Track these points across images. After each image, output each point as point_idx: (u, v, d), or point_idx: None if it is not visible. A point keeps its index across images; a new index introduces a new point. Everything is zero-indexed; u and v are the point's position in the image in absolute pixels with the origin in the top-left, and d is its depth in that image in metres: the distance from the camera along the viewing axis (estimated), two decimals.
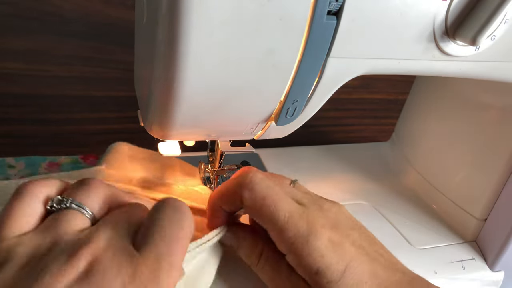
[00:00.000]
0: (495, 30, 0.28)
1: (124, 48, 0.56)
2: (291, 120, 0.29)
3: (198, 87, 0.24)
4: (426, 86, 0.52)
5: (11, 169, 0.49)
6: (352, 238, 0.29)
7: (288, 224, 0.28)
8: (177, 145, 0.34)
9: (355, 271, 0.27)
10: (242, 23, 0.22)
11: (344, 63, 0.26)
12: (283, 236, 0.28)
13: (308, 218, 0.28)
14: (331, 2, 0.23)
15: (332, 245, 0.28)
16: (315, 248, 0.27)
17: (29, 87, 0.55)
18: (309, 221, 0.28)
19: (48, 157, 0.51)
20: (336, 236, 0.28)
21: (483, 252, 0.45)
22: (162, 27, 0.22)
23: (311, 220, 0.28)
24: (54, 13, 0.51)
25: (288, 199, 0.29)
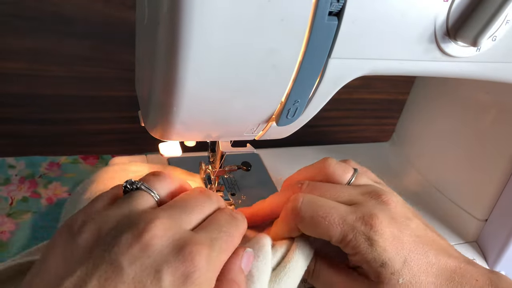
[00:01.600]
0: (496, 31, 0.28)
1: (124, 48, 0.56)
2: (292, 121, 0.29)
3: (199, 87, 0.24)
4: (426, 86, 0.52)
5: (11, 169, 0.49)
6: (410, 229, 0.31)
7: (344, 229, 0.29)
8: (177, 146, 0.34)
9: (414, 262, 0.29)
10: (243, 23, 0.22)
11: (345, 64, 0.26)
12: (345, 241, 0.29)
13: (364, 217, 0.29)
14: (332, 3, 0.23)
15: (392, 238, 0.29)
16: (378, 243, 0.29)
17: (29, 87, 0.55)
18: (365, 220, 0.29)
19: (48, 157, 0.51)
20: (394, 229, 0.30)
21: (484, 252, 0.45)
22: (163, 27, 0.22)
23: (367, 218, 0.29)
24: (54, 13, 0.51)
25: (337, 206, 0.30)
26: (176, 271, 0.23)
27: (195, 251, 0.24)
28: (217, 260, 0.26)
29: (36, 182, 0.48)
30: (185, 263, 0.23)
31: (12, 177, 0.48)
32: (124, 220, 0.25)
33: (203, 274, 0.24)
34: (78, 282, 0.22)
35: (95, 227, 0.24)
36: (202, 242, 0.25)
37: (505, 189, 0.42)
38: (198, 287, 0.24)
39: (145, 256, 0.23)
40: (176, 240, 0.24)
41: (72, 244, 0.24)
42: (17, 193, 0.46)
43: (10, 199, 0.45)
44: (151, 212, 0.26)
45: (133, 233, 0.24)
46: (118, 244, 0.23)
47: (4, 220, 0.42)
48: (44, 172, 0.50)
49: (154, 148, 0.34)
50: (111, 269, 0.22)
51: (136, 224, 0.24)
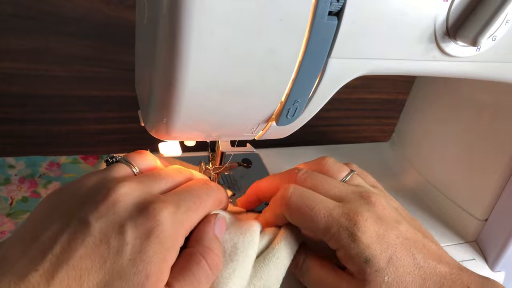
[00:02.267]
0: (496, 31, 0.28)
1: (124, 48, 0.56)
2: (292, 121, 0.29)
3: (199, 87, 0.24)
4: (426, 86, 0.52)
5: (11, 169, 0.49)
6: (397, 230, 0.30)
7: (329, 222, 0.30)
8: (177, 145, 0.34)
9: (400, 262, 0.29)
10: (242, 23, 0.22)
11: (345, 63, 0.26)
12: (329, 234, 0.30)
13: (349, 213, 0.30)
14: (332, 3, 0.23)
15: (376, 237, 0.29)
16: (360, 239, 0.29)
17: (29, 87, 0.55)
18: (350, 216, 0.30)
19: (48, 157, 0.51)
20: (379, 229, 0.30)
21: (483, 252, 0.45)
22: (163, 27, 0.22)
23: (353, 214, 0.30)
24: (54, 13, 0.51)
25: (324, 201, 0.31)
26: (139, 226, 0.25)
27: (158, 208, 0.25)
28: (184, 219, 0.27)
29: (36, 182, 0.48)
30: (149, 219, 0.25)
31: (12, 177, 0.48)
32: (98, 184, 0.27)
33: (166, 229, 0.25)
34: (52, 235, 0.24)
35: (70, 191, 0.27)
36: (167, 201, 0.26)
37: (505, 189, 0.42)
38: (163, 241, 0.25)
39: (111, 213, 0.25)
40: (142, 199, 0.26)
41: (49, 206, 0.26)
42: (17, 193, 0.46)
43: (10, 199, 0.45)
44: (123, 178, 0.28)
45: (102, 193, 0.25)
46: (88, 203, 0.25)
47: (4, 220, 0.42)
48: (44, 172, 0.50)
49: (154, 148, 0.34)
50: (79, 224, 0.24)
51: (107, 186, 0.26)
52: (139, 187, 0.27)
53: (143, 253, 0.24)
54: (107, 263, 0.23)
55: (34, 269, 0.22)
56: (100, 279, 0.23)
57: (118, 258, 0.23)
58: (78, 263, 0.23)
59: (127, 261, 0.24)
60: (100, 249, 0.23)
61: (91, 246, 0.23)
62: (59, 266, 0.22)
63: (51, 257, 0.23)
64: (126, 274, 0.23)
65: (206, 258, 0.27)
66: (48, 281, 0.22)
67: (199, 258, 0.26)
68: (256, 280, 0.30)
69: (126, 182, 0.26)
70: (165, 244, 0.25)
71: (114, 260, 0.23)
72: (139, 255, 0.24)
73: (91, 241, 0.23)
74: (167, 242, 0.25)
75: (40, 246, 0.23)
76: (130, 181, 0.27)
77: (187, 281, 0.26)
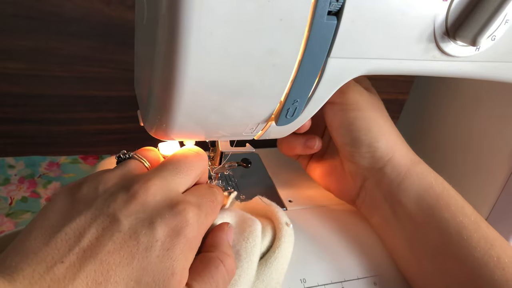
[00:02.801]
0: (496, 31, 0.28)
1: (124, 48, 0.56)
2: (291, 121, 0.29)
3: (198, 87, 0.24)
4: (426, 86, 0.52)
5: (11, 169, 0.49)
6: None
7: None
8: (177, 145, 0.34)
9: None
10: (242, 23, 0.22)
11: (344, 63, 0.26)
12: None
13: None
14: (331, 2, 0.23)
15: None
16: None
17: (29, 87, 0.55)
18: None
19: (48, 157, 0.51)
20: None
21: None
22: (162, 27, 0.22)
23: None
24: (54, 13, 0.51)
25: None
26: (169, 224, 0.25)
27: (188, 209, 0.26)
28: (204, 221, 0.28)
29: (35, 182, 0.48)
30: (179, 218, 0.25)
31: (11, 177, 0.48)
32: (120, 181, 0.27)
33: (194, 230, 0.26)
34: (78, 229, 0.23)
35: (93, 186, 0.26)
36: (192, 202, 0.27)
37: (504, 189, 0.42)
38: (189, 242, 0.25)
39: (141, 211, 0.25)
40: (169, 198, 0.26)
41: (71, 199, 0.26)
42: (16, 193, 0.46)
43: (10, 199, 0.45)
44: (144, 174, 0.28)
45: (129, 192, 0.25)
46: (115, 200, 0.25)
47: (3, 220, 0.42)
48: (43, 172, 0.50)
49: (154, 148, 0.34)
50: (108, 220, 0.24)
51: (132, 184, 0.26)
52: (164, 184, 0.27)
53: (171, 250, 0.24)
54: (135, 259, 0.23)
55: (60, 260, 0.22)
56: (128, 275, 0.23)
57: (147, 254, 0.24)
58: (106, 258, 0.23)
59: (155, 258, 0.24)
60: (129, 245, 0.23)
61: (120, 241, 0.23)
62: (86, 260, 0.22)
63: (78, 250, 0.22)
64: (153, 270, 0.23)
65: (224, 262, 0.27)
66: (74, 274, 0.21)
67: (218, 262, 0.27)
68: (258, 283, 0.30)
69: (151, 181, 0.26)
70: (191, 244, 0.25)
71: (143, 256, 0.23)
72: (167, 252, 0.24)
73: (120, 237, 0.23)
74: (192, 243, 0.26)
75: (66, 238, 0.23)
76: (154, 179, 0.27)
77: (206, 283, 0.26)
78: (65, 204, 0.25)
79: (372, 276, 0.37)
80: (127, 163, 0.29)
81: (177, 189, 0.28)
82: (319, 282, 0.35)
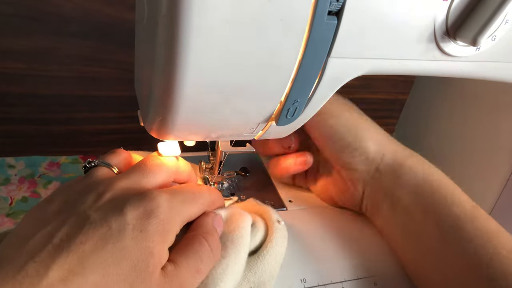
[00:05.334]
0: (496, 31, 0.28)
1: (124, 48, 0.56)
2: (292, 121, 0.29)
3: (198, 87, 0.24)
4: (426, 86, 0.52)
5: (11, 169, 0.49)
6: None
7: None
8: (177, 145, 0.34)
9: None
10: (242, 23, 0.22)
11: (344, 63, 0.26)
12: None
13: None
14: (331, 2, 0.23)
15: None
16: None
17: (29, 87, 0.55)
18: None
19: (48, 157, 0.51)
20: None
21: None
22: (162, 28, 0.22)
23: None
24: (54, 13, 0.51)
25: None
26: (139, 207, 0.25)
27: (156, 193, 0.26)
28: (180, 207, 0.28)
29: (35, 182, 0.48)
30: (148, 202, 0.26)
31: (11, 177, 0.48)
32: (87, 187, 0.27)
33: (165, 211, 0.26)
34: (49, 232, 0.24)
35: (63, 196, 0.27)
36: (164, 190, 0.27)
37: (505, 189, 0.42)
38: (163, 222, 0.26)
39: (109, 204, 0.25)
40: (137, 190, 0.27)
41: (43, 212, 0.26)
42: (16, 193, 0.46)
43: (10, 199, 0.45)
44: (111, 178, 0.28)
45: (97, 193, 0.26)
46: (84, 202, 0.26)
47: (3, 220, 0.42)
48: (43, 172, 0.50)
49: (154, 147, 0.34)
50: (78, 218, 0.24)
51: (98, 187, 0.27)
52: (131, 183, 0.28)
53: (145, 232, 0.24)
54: (109, 243, 0.23)
55: (32, 260, 0.22)
56: (104, 259, 0.23)
57: (120, 237, 0.24)
58: (78, 247, 0.23)
59: (130, 240, 0.24)
60: (101, 232, 0.24)
61: (91, 231, 0.24)
62: (57, 254, 0.22)
63: (50, 247, 0.23)
64: (131, 253, 0.24)
65: (207, 239, 0.28)
66: (46, 268, 0.22)
67: (201, 239, 0.28)
68: (250, 275, 0.31)
69: (118, 182, 0.27)
70: (165, 225, 0.26)
71: (116, 239, 0.24)
72: (141, 233, 0.24)
73: (92, 227, 0.24)
74: (166, 224, 0.26)
75: (37, 241, 0.23)
76: (121, 180, 0.27)
77: (191, 258, 0.26)
78: (37, 217, 0.26)
79: (372, 276, 0.37)
80: (94, 171, 0.29)
81: (144, 187, 0.28)
82: (319, 282, 0.35)
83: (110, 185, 0.27)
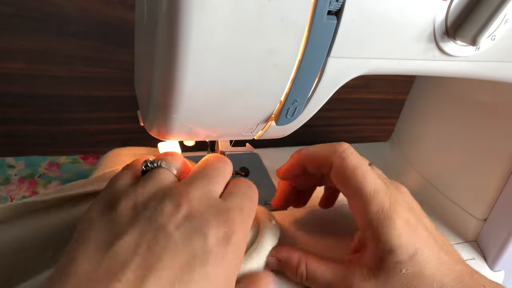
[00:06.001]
0: (496, 30, 0.28)
1: (124, 48, 0.56)
2: (291, 120, 0.29)
3: (198, 87, 0.24)
4: (426, 86, 0.52)
5: (11, 169, 0.49)
6: (424, 223, 0.30)
7: (373, 198, 0.29)
8: (177, 145, 0.34)
9: (423, 256, 0.28)
10: (242, 23, 0.22)
11: (344, 63, 0.26)
12: (367, 209, 0.29)
13: (391, 196, 0.30)
14: (331, 2, 0.23)
15: (408, 226, 0.29)
16: (396, 225, 0.28)
17: (29, 87, 0.55)
18: (391, 199, 0.29)
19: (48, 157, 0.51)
20: (412, 218, 0.29)
21: (483, 252, 0.45)
22: (162, 28, 0.22)
23: (393, 199, 0.29)
24: (54, 13, 0.51)
25: (374, 175, 0.31)
26: (218, 232, 0.25)
27: (232, 217, 0.26)
28: (246, 223, 0.28)
29: (35, 182, 0.48)
30: (226, 226, 0.25)
31: (11, 177, 0.48)
32: (157, 194, 0.26)
33: (240, 236, 0.26)
34: (129, 246, 0.22)
35: (130, 202, 0.25)
36: (234, 207, 0.27)
37: (504, 189, 0.42)
38: (238, 248, 0.25)
39: (188, 222, 0.24)
40: (213, 206, 0.26)
41: (109, 219, 0.24)
42: (16, 193, 0.46)
43: (10, 199, 0.45)
44: (179, 185, 0.27)
45: (172, 204, 0.25)
46: (161, 214, 0.24)
47: None
48: (43, 172, 0.50)
49: (154, 147, 0.34)
50: (158, 233, 0.23)
51: (171, 196, 0.25)
52: (203, 193, 0.27)
53: (226, 258, 0.24)
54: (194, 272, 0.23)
55: (116, 279, 0.21)
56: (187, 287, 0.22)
57: (204, 264, 0.23)
58: (165, 272, 0.22)
59: (213, 268, 0.23)
60: (186, 257, 0.23)
61: (175, 253, 0.23)
62: (144, 277, 0.21)
63: (134, 267, 0.21)
64: (212, 282, 0.23)
65: None
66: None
67: None
68: None
69: (190, 192, 0.26)
70: (239, 251, 0.26)
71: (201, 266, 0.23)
72: (222, 261, 0.24)
73: (177, 251, 0.23)
74: (240, 249, 0.26)
75: (117, 257, 0.22)
76: (192, 190, 0.26)
77: None
78: (105, 224, 0.24)
79: None
80: (156, 174, 0.28)
81: (216, 196, 0.27)
82: None
83: (185, 195, 0.26)
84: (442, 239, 0.31)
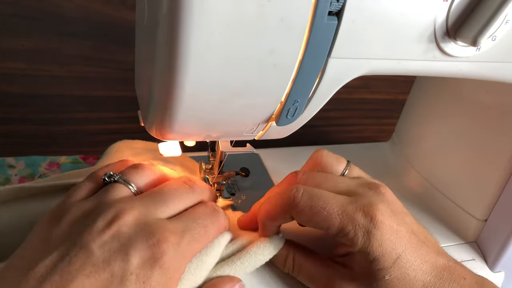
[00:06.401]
0: (496, 31, 0.28)
1: (124, 48, 0.56)
2: (292, 121, 0.29)
3: (199, 87, 0.24)
4: (426, 86, 0.52)
5: (11, 169, 0.49)
6: (407, 224, 0.30)
7: (344, 220, 0.28)
8: (177, 145, 0.34)
9: (406, 259, 0.28)
10: (243, 23, 0.22)
11: (345, 63, 0.26)
12: (344, 232, 0.28)
13: (364, 208, 0.28)
14: (332, 3, 0.23)
15: (390, 232, 0.28)
16: (376, 236, 0.28)
17: (29, 87, 0.55)
18: (365, 211, 0.28)
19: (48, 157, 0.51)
20: (392, 222, 0.29)
21: (483, 252, 0.45)
22: (163, 28, 0.22)
23: (368, 209, 0.28)
24: (54, 13, 0.51)
25: (336, 198, 0.29)
26: (143, 255, 0.24)
27: (163, 239, 0.25)
28: (187, 249, 0.27)
29: None
30: (153, 249, 0.25)
31: (11, 177, 0.48)
32: (97, 209, 0.26)
33: (170, 260, 0.25)
34: (50, 264, 0.23)
35: (70, 218, 0.26)
36: (171, 230, 0.26)
37: (505, 189, 0.42)
38: (165, 272, 0.25)
39: (115, 241, 0.24)
40: (147, 227, 0.25)
41: (49, 233, 0.26)
42: None
43: None
44: (125, 201, 0.27)
45: (104, 221, 0.25)
46: (89, 231, 0.25)
47: None
48: (43, 172, 0.50)
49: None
50: (81, 252, 0.23)
51: (107, 212, 0.26)
52: (144, 212, 0.26)
53: (147, 283, 0.24)
54: None
55: None
56: None
57: (121, 286, 0.23)
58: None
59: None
60: (103, 277, 0.23)
61: (93, 274, 0.23)
62: None
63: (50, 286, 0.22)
64: None
65: None
66: None
67: None
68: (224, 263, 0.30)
69: (129, 209, 0.26)
70: (167, 274, 0.25)
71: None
72: (143, 285, 0.24)
73: (94, 269, 0.23)
74: (169, 272, 0.25)
75: (37, 276, 0.22)
76: (134, 207, 0.26)
77: None
78: (43, 239, 0.25)
79: None
80: (110, 189, 0.28)
81: (158, 217, 0.27)
82: None
83: (121, 213, 0.25)
84: (423, 233, 0.31)
